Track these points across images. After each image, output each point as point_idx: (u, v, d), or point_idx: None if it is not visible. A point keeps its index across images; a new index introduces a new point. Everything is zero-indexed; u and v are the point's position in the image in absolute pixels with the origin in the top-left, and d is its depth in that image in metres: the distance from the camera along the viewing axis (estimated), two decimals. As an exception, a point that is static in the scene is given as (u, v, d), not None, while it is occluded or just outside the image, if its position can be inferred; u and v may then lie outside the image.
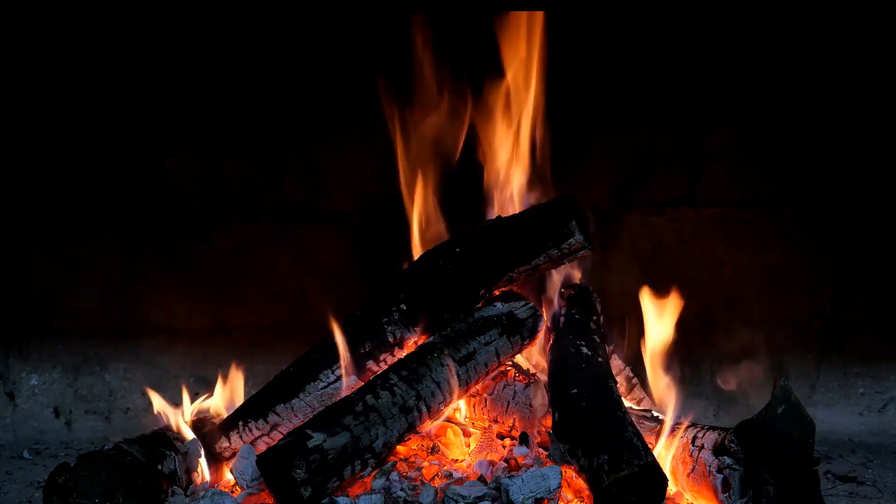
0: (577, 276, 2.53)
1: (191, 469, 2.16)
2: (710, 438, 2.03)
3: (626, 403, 2.38)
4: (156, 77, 3.07)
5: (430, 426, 2.24)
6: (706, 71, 3.10)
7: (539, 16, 2.55)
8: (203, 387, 3.05)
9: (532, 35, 2.54)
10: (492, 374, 2.28)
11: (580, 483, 2.00)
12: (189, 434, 2.23)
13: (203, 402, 2.37)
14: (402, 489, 1.98)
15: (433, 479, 2.06)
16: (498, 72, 2.59)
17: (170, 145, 3.11)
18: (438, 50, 2.70)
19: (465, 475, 2.07)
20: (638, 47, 3.09)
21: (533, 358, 2.43)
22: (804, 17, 3.05)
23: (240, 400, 2.39)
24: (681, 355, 2.41)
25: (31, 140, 3.09)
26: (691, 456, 2.04)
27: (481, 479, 2.03)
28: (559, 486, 1.94)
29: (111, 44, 3.04)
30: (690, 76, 3.11)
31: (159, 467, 2.05)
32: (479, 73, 2.62)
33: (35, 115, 3.08)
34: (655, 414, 2.26)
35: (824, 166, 3.13)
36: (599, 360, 2.22)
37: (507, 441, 2.25)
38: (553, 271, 2.43)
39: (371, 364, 2.25)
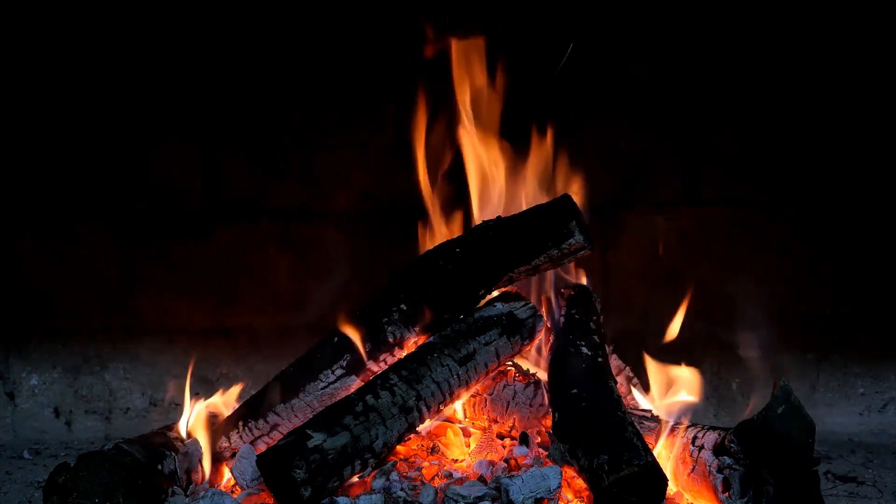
0: (578, 276, 2.54)
1: (191, 469, 2.15)
2: (710, 438, 2.03)
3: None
4: (155, 76, 3.07)
5: (429, 425, 2.24)
6: (706, 71, 3.10)
7: None
8: (203, 387, 3.06)
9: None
10: (492, 374, 2.28)
11: (580, 483, 2.00)
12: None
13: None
14: (402, 489, 1.98)
15: (433, 479, 2.06)
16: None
17: (169, 145, 3.11)
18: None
19: (465, 475, 2.07)
20: (638, 46, 3.09)
21: (533, 358, 2.43)
22: (804, 17, 3.05)
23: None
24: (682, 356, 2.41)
25: (31, 140, 3.09)
26: (691, 456, 2.04)
27: (481, 479, 2.03)
28: (559, 486, 1.94)
29: (111, 41, 3.04)
30: (691, 76, 3.11)
31: (159, 467, 2.05)
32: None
33: (36, 115, 3.08)
34: (656, 414, 2.26)
35: (824, 166, 3.13)
36: (599, 359, 2.22)
37: (507, 441, 2.25)
38: (553, 271, 2.43)
39: (371, 364, 2.25)
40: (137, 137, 3.10)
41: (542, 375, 2.31)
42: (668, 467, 2.08)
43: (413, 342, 2.28)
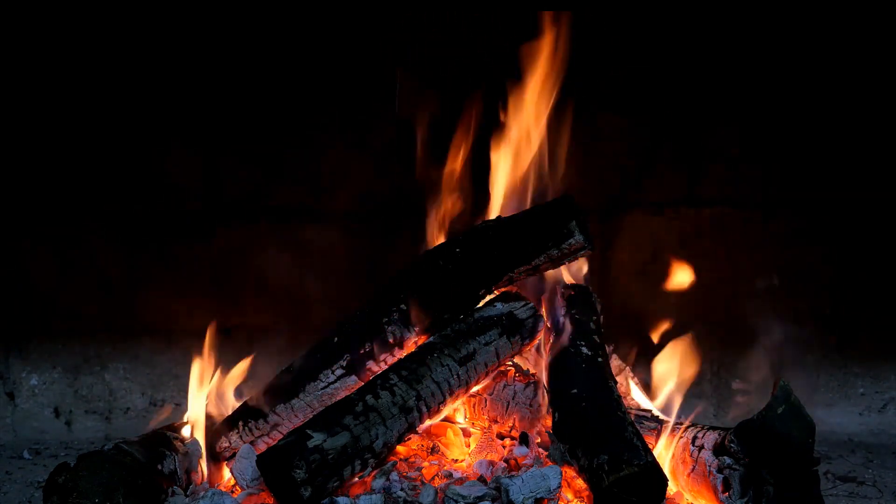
0: (577, 276, 2.54)
1: (191, 469, 2.15)
2: (710, 438, 2.03)
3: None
4: (156, 78, 3.07)
5: (429, 425, 2.24)
6: (707, 72, 3.10)
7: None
8: (203, 387, 3.05)
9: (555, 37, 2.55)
10: (492, 374, 2.28)
11: (580, 483, 2.00)
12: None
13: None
14: (402, 489, 1.98)
15: (433, 479, 2.06)
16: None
17: (170, 146, 3.11)
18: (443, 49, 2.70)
19: (465, 475, 2.07)
20: (639, 47, 3.09)
21: (533, 358, 2.43)
22: (804, 18, 3.05)
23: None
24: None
25: (32, 141, 3.10)
26: (691, 456, 2.04)
27: (481, 479, 2.03)
28: (559, 486, 1.94)
29: (113, 44, 3.04)
30: (691, 77, 3.11)
31: (159, 467, 2.05)
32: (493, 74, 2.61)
33: (36, 116, 3.08)
34: (656, 414, 2.26)
35: (824, 166, 3.13)
36: (599, 359, 2.22)
37: (507, 441, 2.25)
38: (553, 271, 2.43)
39: (371, 364, 2.25)
40: (138, 138, 3.10)
41: (542, 375, 2.31)
42: (667, 467, 2.08)
43: (413, 342, 2.28)
